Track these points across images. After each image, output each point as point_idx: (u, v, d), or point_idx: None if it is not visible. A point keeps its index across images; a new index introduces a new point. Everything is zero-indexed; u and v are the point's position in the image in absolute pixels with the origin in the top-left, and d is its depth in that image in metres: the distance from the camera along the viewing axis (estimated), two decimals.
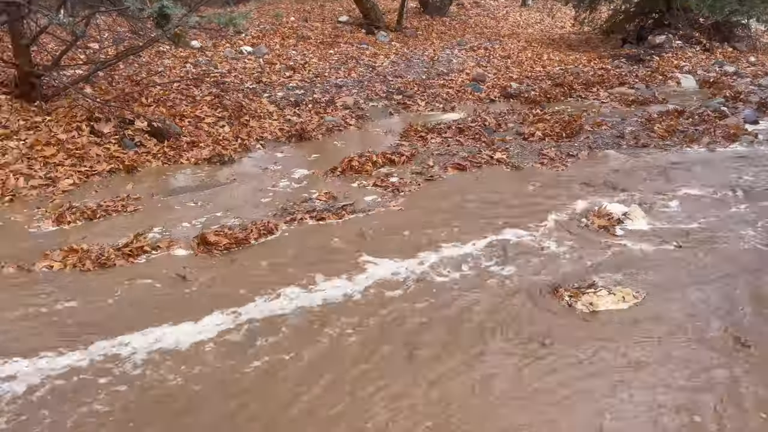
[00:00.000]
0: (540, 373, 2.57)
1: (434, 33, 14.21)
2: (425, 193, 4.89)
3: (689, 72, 10.59)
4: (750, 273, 3.44)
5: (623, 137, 6.45)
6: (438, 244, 3.84)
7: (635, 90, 9.16)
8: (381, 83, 8.91)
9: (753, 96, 8.58)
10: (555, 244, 3.89)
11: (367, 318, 3.01)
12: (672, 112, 7.49)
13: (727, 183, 4.98)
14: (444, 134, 6.54)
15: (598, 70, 10.73)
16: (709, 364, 2.61)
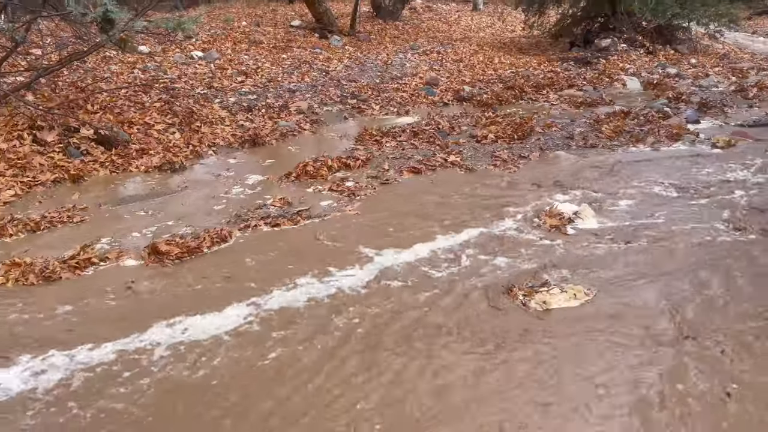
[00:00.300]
0: (496, 373, 2.60)
1: (387, 37, 14.27)
2: (381, 196, 4.89)
3: (634, 74, 10.95)
4: (695, 268, 3.56)
5: (573, 138, 6.61)
6: (394, 248, 3.84)
7: (583, 92, 9.41)
8: (335, 87, 8.89)
9: (694, 96, 8.93)
10: (509, 244, 3.95)
11: (323, 325, 2.98)
12: (618, 113, 7.72)
13: (671, 181, 5.16)
14: (399, 138, 6.57)
15: (547, 73, 10.97)
16: (657, 358, 2.69)
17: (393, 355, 2.73)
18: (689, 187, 5.00)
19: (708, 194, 4.85)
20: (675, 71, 11.29)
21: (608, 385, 2.50)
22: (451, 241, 3.98)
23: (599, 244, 3.95)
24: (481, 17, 19.38)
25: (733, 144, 6.34)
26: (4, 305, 3.15)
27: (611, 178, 5.29)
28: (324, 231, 4.13)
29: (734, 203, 4.63)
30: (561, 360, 2.68)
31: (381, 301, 3.20)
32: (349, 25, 14.04)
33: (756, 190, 4.91)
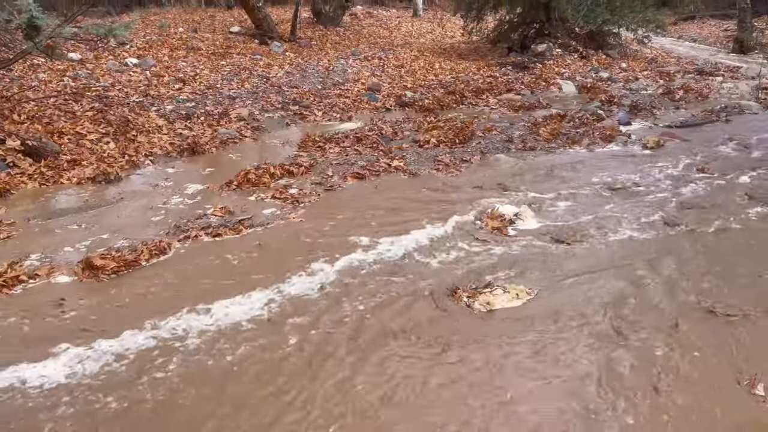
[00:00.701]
0: (443, 375, 2.61)
1: (329, 43, 14.25)
2: (326, 203, 4.86)
3: (569, 78, 11.31)
4: (629, 264, 3.70)
5: (512, 141, 6.76)
6: (339, 254, 3.82)
7: (521, 96, 9.64)
8: (276, 94, 8.79)
9: (625, 99, 9.31)
10: (453, 246, 3.99)
11: (267, 336, 2.93)
12: (555, 116, 7.95)
13: (606, 181, 5.34)
14: (342, 144, 6.55)
15: (487, 78, 11.19)
16: (595, 353, 2.77)
17: (338, 363, 2.70)
18: (623, 187, 5.19)
19: (640, 193, 5.05)
20: (607, 75, 11.72)
21: (551, 381, 2.56)
22: (396, 245, 3.99)
23: (539, 243, 4.04)
24: (422, 23, 19.60)
25: (662, 144, 6.63)
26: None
27: (550, 180, 5.44)
28: (267, 240, 4.06)
29: (665, 201, 4.84)
30: (505, 359, 2.73)
31: (326, 309, 3.17)
32: (289, 31, 13.93)
33: (684, 188, 5.15)
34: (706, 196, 4.97)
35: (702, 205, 4.70)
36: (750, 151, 6.49)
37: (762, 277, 3.49)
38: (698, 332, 2.92)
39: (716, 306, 3.13)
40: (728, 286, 3.37)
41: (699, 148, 6.52)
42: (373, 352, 2.78)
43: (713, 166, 5.77)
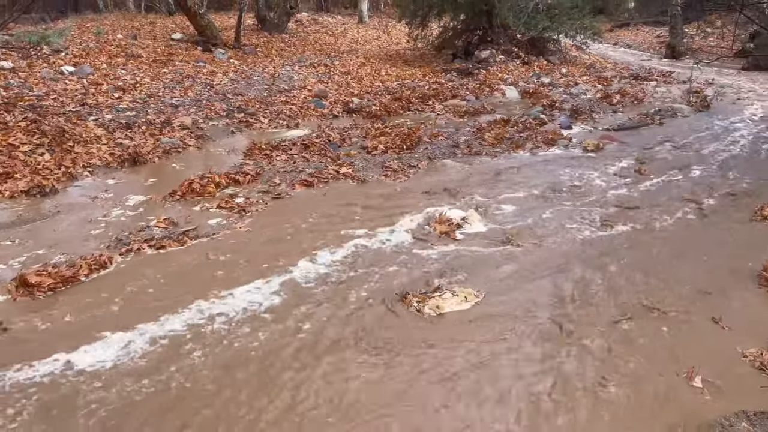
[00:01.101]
0: (394, 380, 2.62)
1: (274, 50, 14.13)
2: (273, 211, 4.80)
3: (512, 84, 11.56)
4: (572, 264, 3.80)
5: (458, 146, 6.85)
6: (288, 263, 3.78)
7: (467, 102, 9.78)
8: (221, 102, 8.64)
9: (566, 104, 9.58)
10: (402, 252, 4.01)
11: (216, 349, 2.86)
12: (499, 121, 8.11)
13: (549, 183, 5.48)
14: (289, 151, 6.49)
15: (432, 84, 11.32)
16: (542, 352, 2.83)
17: (290, 373, 2.67)
18: (565, 189, 5.34)
19: (581, 194, 5.21)
20: (548, 80, 12.04)
21: (501, 382, 2.60)
22: (346, 252, 3.97)
23: (486, 246, 4.10)
24: (367, 30, 19.69)
25: (602, 147, 6.86)
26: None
27: (495, 183, 5.53)
28: (213, 251, 3.97)
29: (605, 202, 5.00)
30: (455, 362, 2.75)
31: (275, 319, 3.13)
32: (233, 38, 13.74)
33: (623, 189, 5.34)
34: (643, 196, 5.16)
35: (639, 206, 4.88)
36: (683, 152, 6.79)
37: (695, 273, 3.64)
38: (638, 328, 3.02)
39: (654, 303, 3.25)
40: (664, 284, 3.51)
41: (636, 150, 6.77)
42: (324, 362, 2.75)
43: (649, 167, 6.01)
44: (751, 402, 2.43)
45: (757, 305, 3.26)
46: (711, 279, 3.56)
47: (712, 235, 4.28)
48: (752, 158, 6.54)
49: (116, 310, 3.22)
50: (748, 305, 3.26)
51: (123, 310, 3.21)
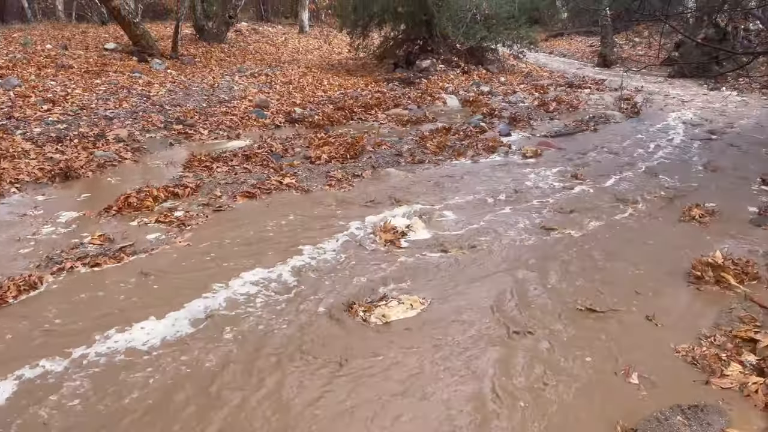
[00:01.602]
0: (341, 391, 2.59)
1: (213, 60, 13.89)
2: (214, 224, 4.69)
3: (453, 92, 11.76)
4: (515, 268, 3.87)
5: (401, 155, 6.90)
6: (230, 277, 3.69)
7: (409, 111, 9.88)
8: (158, 113, 8.40)
9: (505, 111, 9.82)
10: (347, 262, 3.99)
11: (156, 368, 2.76)
12: (441, 130, 8.22)
13: (491, 189, 5.59)
14: (231, 162, 6.37)
15: (375, 93, 11.38)
16: (486, 355, 2.87)
17: (233, 390, 2.60)
18: (505, 194, 5.45)
19: (521, 199, 5.33)
20: (487, 89, 12.32)
21: (448, 387, 2.62)
22: (290, 263, 3.92)
23: (431, 253, 4.14)
24: (308, 40, 19.64)
25: (540, 153, 7.05)
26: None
27: (438, 191, 5.60)
28: (151, 267, 3.84)
29: (544, 207, 5.14)
30: (402, 370, 2.75)
31: (216, 338, 3.05)
32: (171, 48, 13.43)
33: (561, 194, 5.50)
34: (580, 200, 5.33)
35: (577, 209, 5.03)
36: (616, 156, 7.06)
37: (629, 273, 3.78)
38: (578, 329, 3.11)
39: (592, 304, 3.35)
40: (601, 284, 3.62)
41: (572, 156, 7.00)
42: (269, 377, 2.70)
43: (585, 172, 6.22)
44: (685, 396, 2.53)
45: (687, 302, 3.41)
46: (644, 278, 3.70)
47: (644, 236, 4.46)
48: (679, 161, 6.87)
49: (44, 334, 3.06)
50: (679, 302, 3.40)
51: (51, 334, 3.05)
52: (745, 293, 3.42)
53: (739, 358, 2.75)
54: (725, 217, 4.78)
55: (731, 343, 2.89)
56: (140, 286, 3.59)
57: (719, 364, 2.72)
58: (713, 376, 2.64)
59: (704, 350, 2.83)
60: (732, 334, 2.97)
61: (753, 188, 5.66)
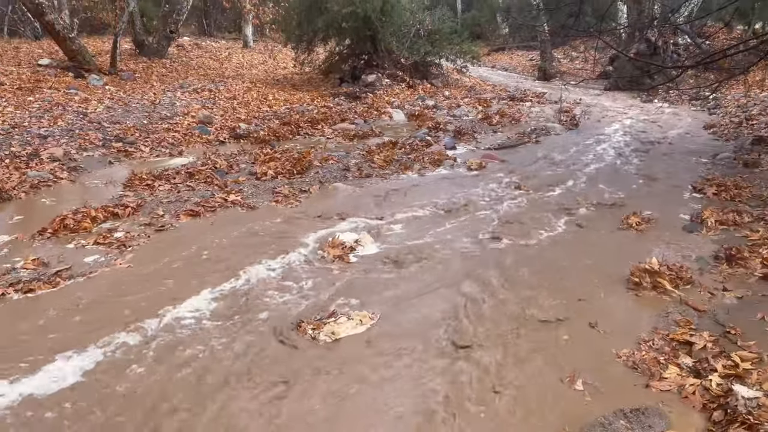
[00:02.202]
0: (289, 411, 2.55)
1: (154, 75, 13.57)
2: (156, 245, 4.55)
3: (399, 107, 11.87)
4: (463, 280, 3.92)
5: (349, 170, 6.90)
6: (173, 299, 3.59)
7: (355, 125, 9.91)
8: (96, 131, 8.12)
9: (450, 125, 9.97)
10: (295, 279, 3.94)
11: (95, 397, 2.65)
12: (388, 144, 8.28)
13: (437, 202, 5.65)
14: (173, 180, 6.22)
15: (321, 108, 11.36)
16: (436, 369, 2.88)
17: (179, 413, 2.52)
18: (452, 207, 5.53)
19: (467, 211, 5.42)
20: (433, 103, 12.49)
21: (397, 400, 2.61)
22: (235, 283, 3.85)
23: (379, 268, 4.14)
24: (253, 54, 19.47)
25: (484, 166, 7.19)
26: None
27: (386, 205, 5.62)
28: (89, 292, 3.69)
29: (490, 218, 5.23)
30: (351, 387, 2.73)
31: (158, 361, 2.95)
32: (109, 64, 13.04)
33: (505, 205, 5.61)
34: (524, 211, 5.45)
35: (521, 220, 5.14)
36: (557, 167, 7.28)
37: (573, 281, 3.88)
38: (524, 339, 3.16)
39: (538, 313, 3.43)
40: (547, 293, 3.70)
41: (516, 168, 7.17)
42: (215, 400, 2.63)
43: (528, 183, 6.37)
44: (627, 400, 2.60)
45: (627, 308, 3.52)
46: (587, 286, 3.80)
47: (586, 244, 4.59)
48: (617, 171, 7.13)
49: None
50: (619, 308, 3.51)
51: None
52: (680, 297, 3.56)
53: (676, 361, 2.85)
54: (660, 224, 4.97)
55: (669, 346, 3.00)
56: (77, 312, 3.44)
57: (658, 367, 2.82)
58: (653, 380, 2.73)
59: (644, 354, 2.93)
60: (669, 338, 3.08)
61: (685, 195, 5.92)
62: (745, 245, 4.24)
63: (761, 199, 5.44)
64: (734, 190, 5.74)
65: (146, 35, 15.80)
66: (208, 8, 23.83)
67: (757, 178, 6.27)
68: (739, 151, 7.78)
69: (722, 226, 4.79)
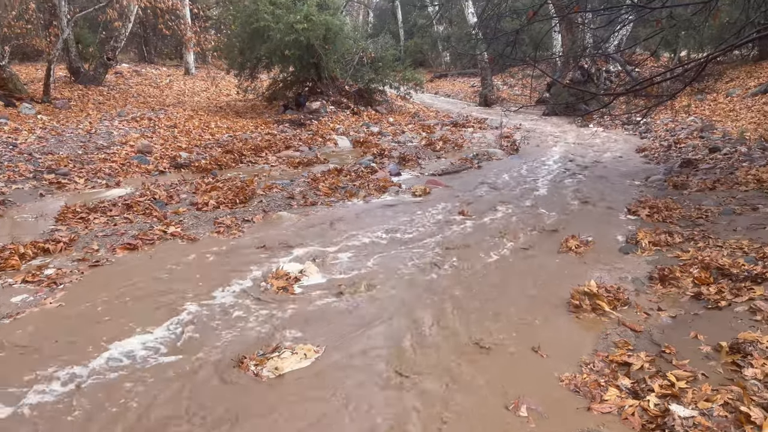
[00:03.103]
0: None
1: (91, 103, 13.18)
2: (91, 281, 4.36)
3: (343, 133, 11.91)
4: (409, 309, 3.91)
5: (293, 198, 6.84)
6: (108, 339, 3.42)
7: (300, 152, 9.87)
8: (26, 162, 7.78)
9: (395, 151, 10.07)
10: (238, 313, 3.84)
11: None
12: (333, 171, 8.27)
13: (383, 230, 5.66)
14: (109, 213, 6.00)
15: (265, 136, 11.27)
16: (383, 401, 2.84)
17: None
18: (397, 234, 5.55)
19: (412, 238, 5.44)
20: (377, 129, 12.60)
21: None
22: (175, 319, 3.71)
23: (325, 298, 4.09)
24: (195, 81, 19.21)
25: (429, 192, 7.27)
26: None
27: (332, 233, 5.58)
28: (13, 334, 3.48)
29: (434, 244, 5.27)
30: (296, 422, 2.66)
31: (91, 409, 2.79)
32: (42, 92, 12.59)
33: (449, 231, 5.67)
34: (468, 236, 5.53)
35: (465, 245, 5.20)
36: (499, 192, 7.43)
37: (515, 306, 3.94)
38: (470, 366, 3.17)
39: (482, 339, 3.45)
40: (491, 319, 3.74)
41: (459, 193, 7.29)
42: None
43: (471, 208, 6.48)
44: (570, 424, 2.63)
45: (568, 331, 3.59)
46: (530, 309, 3.86)
47: (528, 268, 4.68)
48: (556, 194, 7.34)
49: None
50: (560, 331, 3.57)
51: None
52: (618, 318, 3.66)
53: (615, 383, 2.91)
54: (598, 247, 5.13)
55: (608, 368, 3.07)
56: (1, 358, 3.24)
57: (599, 389, 2.87)
58: (594, 402, 2.77)
59: (585, 377, 2.98)
60: (609, 359, 3.15)
61: (620, 217, 6.14)
62: (677, 265, 4.41)
63: (690, 219, 5.69)
64: (665, 211, 5.99)
65: (82, 62, 15.37)
66: (148, 35, 23.43)
67: (686, 199, 6.57)
68: (669, 174, 8.17)
69: (655, 246, 4.98)
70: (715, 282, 3.98)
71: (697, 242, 4.96)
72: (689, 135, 10.89)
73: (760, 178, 6.88)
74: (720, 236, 5.04)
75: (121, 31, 14.85)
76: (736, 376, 2.83)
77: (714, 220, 5.58)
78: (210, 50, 18.80)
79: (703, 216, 5.73)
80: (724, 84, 14.63)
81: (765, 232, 4.95)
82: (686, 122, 12.17)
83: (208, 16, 17.32)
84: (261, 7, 13.21)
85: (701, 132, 10.78)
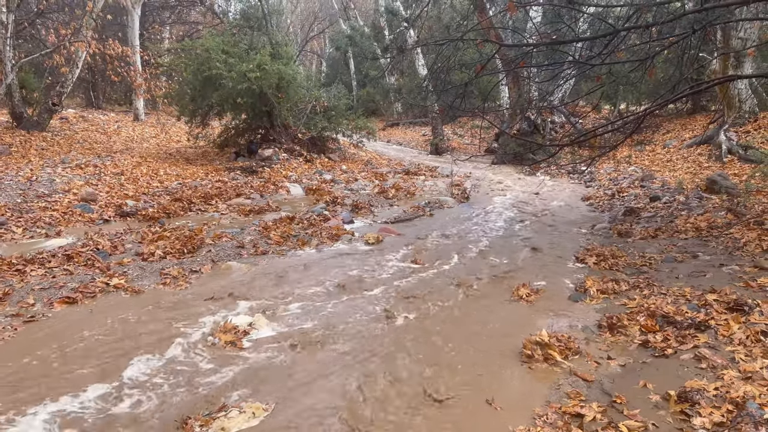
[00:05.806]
0: None
1: (33, 150, 12.73)
2: (24, 338, 4.11)
3: (296, 181, 11.88)
4: (362, 360, 3.83)
5: (244, 247, 6.71)
6: (39, 402, 3.21)
7: (252, 200, 9.75)
8: None
9: (348, 199, 10.08)
10: (183, 370, 3.68)
11: None
12: (285, 219, 8.19)
13: (335, 279, 5.59)
14: (48, 264, 5.73)
15: (215, 183, 11.12)
16: None
17: None
18: (350, 283, 5.48)
19: (365, 287, 5.39)
20: (330, 177, 12.64)
21: None
22: (114, 379, 3.52)
23: (275, 352, 3.97)
24: (144, 128, 18.91)
25: (381, 240, 7.27)
26: None
27: (283, 283, 5.48)
28: None
29: (386, 293, 5.23)
30: None
31: None
32: None
33: (402, 280, 5.65)
34: (420, 285, 5.51)
35: (417, 294, 5.18)
36: (451, 240, 7.49)
37: (468, 356, 3.91)
38: (424, 420, 3.11)
39: (435, 392, 3.39)
40: (444, 370, 3.69)
41: (411, 241, 7.31)
42: None
43: (424, 256, 6.49)
44: None
45: (521, 381, 3.58)
46: (483, 360, 3.84)
47: (481, 317, 4.68)
48: (506, 242, 7.46)
49: None
50: (514, 382, 3.56)
51: None
52: (569, 368, 3.68)
53: None
54: (548, 295, 5.19)
55: (561, 420, 3.05)
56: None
57: None
58: None
59: (539, 430, 2.95)
60: (562, 411, 3.14)
61: (569, 265, 6.26)
62: (624, 313, 4.50)
63: (635, 267, 5.85)
64: (612, 259, 6.15)
65: (26, 107, 14.92)
66: (96, 80, 23.02)
67: (630, 247, 6.77)
68: (614, 222, 8.44)
69: (603, 294, 5.08)
70: (661, 329, 4.06)
71: (643, 290, 5.09)
72: (631, 184, 11.34)
73: (698, 227, 7.18)
74: (663, 283, 5.19)
75: (68, 76, 14.54)
76: (685, 426, 2.86)
77: (657, 268, 5.75)
78: (160, 97, 18.62)
79: (647, 263, 5.90)
80: (662, 135, 15.40)
81: (705, 280, 5.12)
82: (628, 172, 12.68)
83: (159, 63, 17.16)
84: (213, 55, 13.22)
85: (642, 181, 11.24)
